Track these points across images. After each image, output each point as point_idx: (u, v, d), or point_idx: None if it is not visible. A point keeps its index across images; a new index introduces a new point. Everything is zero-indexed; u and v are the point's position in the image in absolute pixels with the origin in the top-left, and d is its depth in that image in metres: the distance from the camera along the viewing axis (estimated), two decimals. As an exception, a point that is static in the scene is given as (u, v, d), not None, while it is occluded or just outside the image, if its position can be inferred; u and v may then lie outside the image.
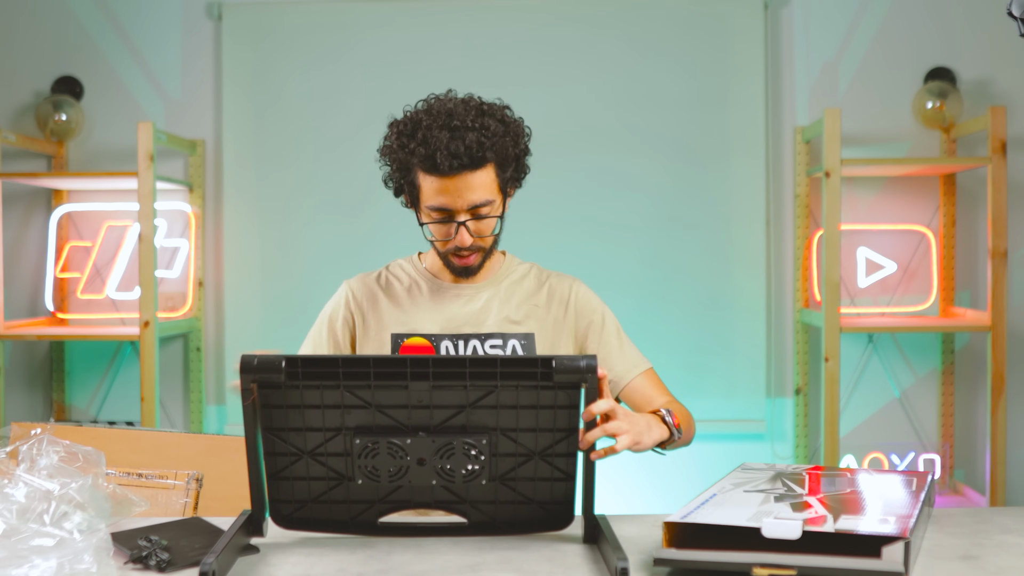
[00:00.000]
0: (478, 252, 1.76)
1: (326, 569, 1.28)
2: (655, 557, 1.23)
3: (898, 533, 1.17)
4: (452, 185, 1.68)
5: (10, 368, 3.58)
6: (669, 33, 3.47)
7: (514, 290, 1.83)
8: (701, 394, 3.46)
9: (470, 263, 1.77)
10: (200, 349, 3.56)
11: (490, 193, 1.71)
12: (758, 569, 1.18)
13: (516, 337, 1.78)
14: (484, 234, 1.74)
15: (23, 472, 1.31)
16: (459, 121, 1.68)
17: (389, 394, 1.31)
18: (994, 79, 3.47)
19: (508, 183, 1.77)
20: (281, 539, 1.43)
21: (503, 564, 1.30)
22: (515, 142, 1.75)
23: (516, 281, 1.85)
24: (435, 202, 1.71)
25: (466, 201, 1.70)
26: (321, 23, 3.50)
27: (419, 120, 1.71)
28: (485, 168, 1.70)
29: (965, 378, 3.51)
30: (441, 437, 1.32)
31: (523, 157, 1.79)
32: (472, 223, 1.72)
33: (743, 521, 1.22)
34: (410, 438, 1.32)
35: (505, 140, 1.71)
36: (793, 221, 3.51)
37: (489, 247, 1.78)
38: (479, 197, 1.70)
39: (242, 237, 3.52)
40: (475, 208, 1.71)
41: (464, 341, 1.77)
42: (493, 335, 1.78)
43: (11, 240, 3.57)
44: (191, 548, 1.35)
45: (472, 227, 1.72)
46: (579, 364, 1.29)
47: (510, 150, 1.73)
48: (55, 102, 3.46)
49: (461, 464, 1.34)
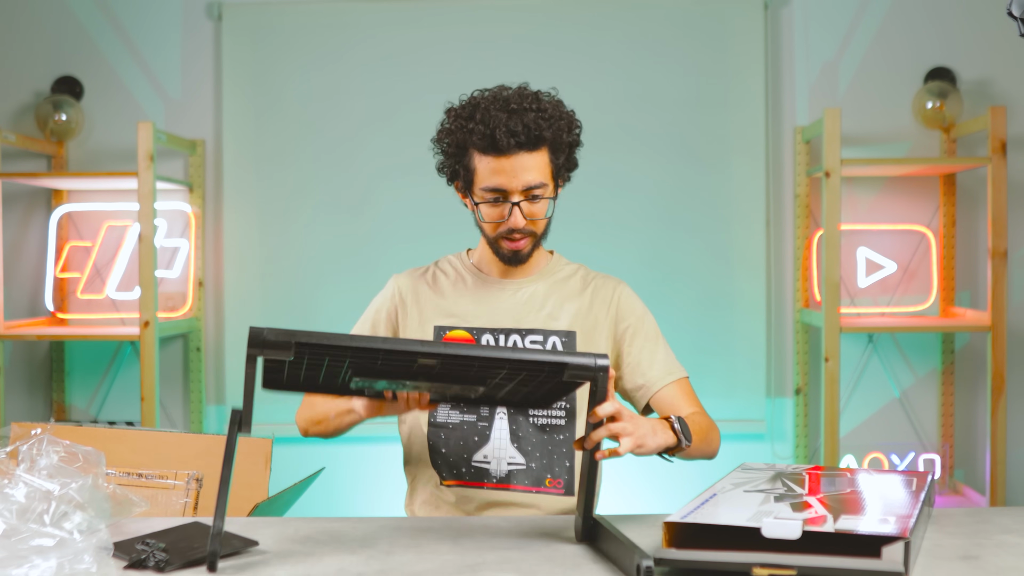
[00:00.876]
0: (529, 237, 1.77)
1: (326, 569, 1.28)
2: (655, 557, 1.23)
3: (898, 533, 1.17)
4: (508, 165, 1.71)
5: (10, 368, 3.58)
6: (669, 33, 3.47)
7: (559, 288, 1.85)
8: (701, 394, 3.42)
9: (520, 247, 1.77)
10: (200, 349, 3.56)
11: (544, 176, 1.74)
12: (758, 569, 1.18)
13: (557, 335, 1.80)
14: (537, 217, 1.75)
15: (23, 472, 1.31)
16: (516, 104, 1.72)
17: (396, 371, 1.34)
18: (994, 79, 3.47)
19: (560, 171, 1.79)
20: (281, 539, 1.43)
21: (503, 564, 1.30)
22: (569, 129, 1.77)
23: (562, 280, 1.87)
24: (491, 183, 1.73)
25: (521, 182, 1.72)
26: (321, 23, 3.50)
27: (477, 103, 1.75)
28: (540, 151, 1.73)
29: (965, 378, 3.51)
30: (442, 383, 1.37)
31: (575, 147, 1.82)
32: (526, 205, 1.74)
33: (743, 521, 1.22)
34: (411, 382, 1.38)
35: (560, 124, 1.74)
36: (793, 221, 3.51)
37: (540, 234, 1.79)
38: (534, 178, 1.72)
39: (242, 237, 3.52)
40: (530, 189, 1.73)
41: (505, 335, 1.79)
42: (534, 331, 1.79)
43: (11, 240, 3.57)
44: (189, 548, 1.35)
45: (525, 209, 1.74)
46: (590, 363, 1.30)
47: (564, 136, 1.75)
48: (55, 102, 3.46)
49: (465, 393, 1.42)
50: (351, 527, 1.50)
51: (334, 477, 3.25)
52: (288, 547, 1.38)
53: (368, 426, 3.63)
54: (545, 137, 1.71)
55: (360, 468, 3.46)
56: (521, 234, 1.76)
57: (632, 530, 1.44)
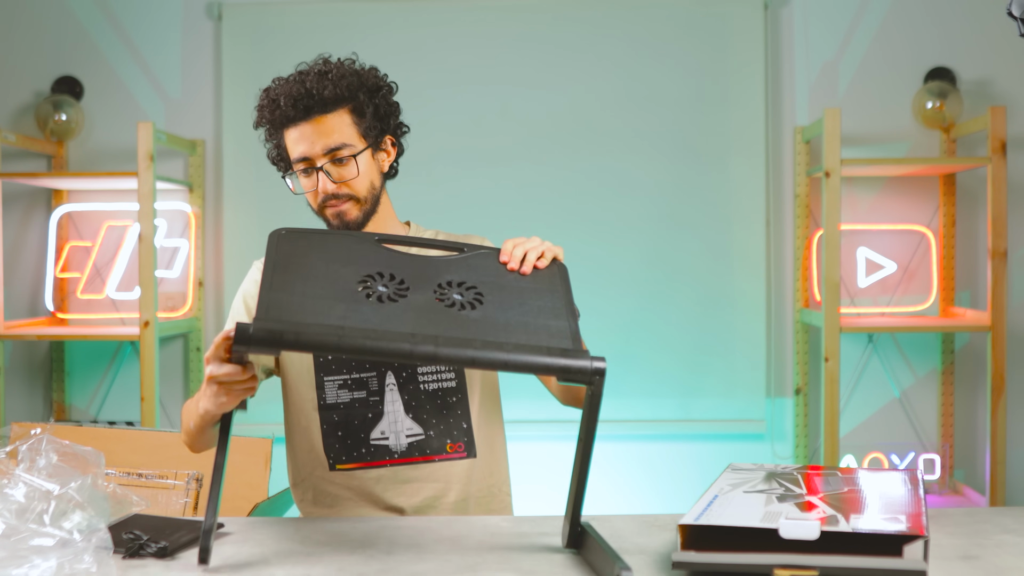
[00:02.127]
0: (350, 201, 1.75)
1: (326, 569, 1.28)
2: (673, 560, 1.22)
3: (916, 531, 1.17)
4: (306, 130, 1.71)
5: (10, 368, 3.58)
6: (669, 33, 3.47)
7: None
8: (701, 394, 3.46)
9: (342, 210, 1.75)
10: (200, 349, 3.56)
11: (346, 137, 1.72)
12: (779, 570, 1.18)
13: None
14: (346, 178, 1.73)
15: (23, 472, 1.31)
16: (306, 72, 1.74)
17: None
18: (994, 79, 3.47)
19: (372, 131, 1.75)
20: (281, 539, 1.42)
21: (503, 564, 1.30)
22: (367, 87, 1.75)
23: None
24: (296, 153, 1.73)
25: (321, 145, 1.71)
26: (321, 23, 3.50)
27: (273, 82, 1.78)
28: (338, 112, 1.72)
29: (965, 378, 3.51)
30: None
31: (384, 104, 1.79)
32: (333, 168, 1.73)
33: (756, 522, 1.21)
34: None
35: (349, 81, 1.72)
36: (793, 221, 3.51)
37: (365, 197, 1.76)
38: (334, 140, 1.71)
39: (242, 237, 3.52)
40: (332, 152, 1.71)
41: None
42: None
43: (11, 240, 3.57)
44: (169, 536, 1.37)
45: (333, 172, 1.72)
46: (586, 367, 1.27)
47: (362, 95, 1.73)
48: (55, 102, 3.46)
49: None
50: (351, 527, 1.50)
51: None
52: (288, 547, 1.38)
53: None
54: (329, 96, 1.70)
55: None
56: (337, 198, 1.74)
57: (632, 530, 1.44)
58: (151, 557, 1.32)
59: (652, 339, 3.45)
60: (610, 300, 3.41)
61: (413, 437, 1.73)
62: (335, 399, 1.73)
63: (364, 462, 1.73)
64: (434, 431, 1.74)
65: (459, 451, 1.74)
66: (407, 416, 1.73)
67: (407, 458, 1.72)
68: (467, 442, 1.75)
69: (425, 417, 1.73)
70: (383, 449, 1.72)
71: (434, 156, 3.45)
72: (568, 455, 1.42)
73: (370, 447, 1.73)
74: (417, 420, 1.73)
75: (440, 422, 1.74)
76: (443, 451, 1.74)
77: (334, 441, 1.73)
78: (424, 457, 1.73)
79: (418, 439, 1.73)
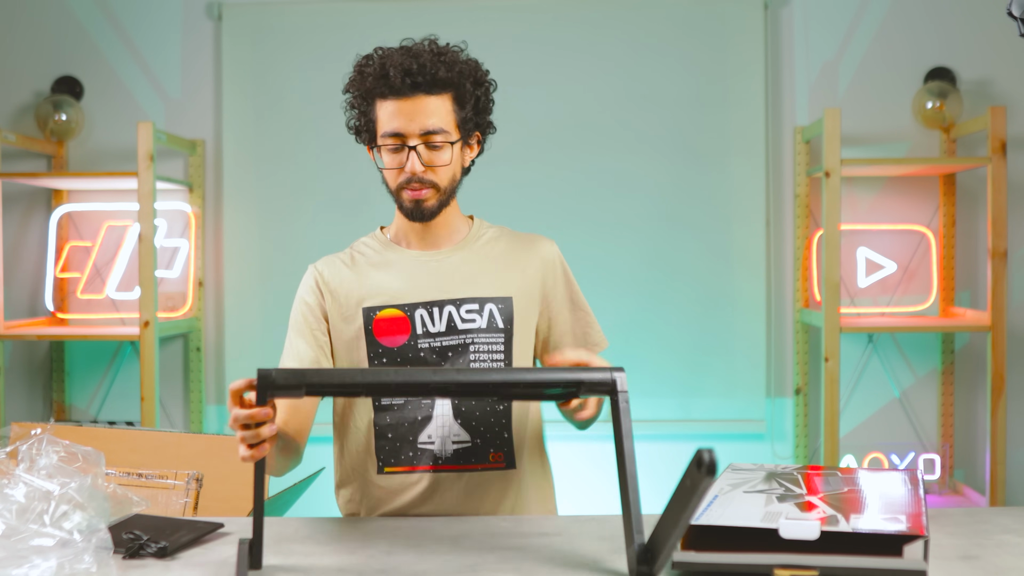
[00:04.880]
0: (431, 188, 1.70)
1: (326, 569, 1.28)
2: (673, 560, 1.23)
3: (916, 531, 1.17)
4: (407, 107, 1.67)
5: (10, 368, 3.58)
6: (669, 33, 3.47)
7: (485, 252, 1.79)
8: (701, 394, 3.46)
9: (422, 196, 1.70)
10: (200, 349, 3.56)
11: (445, 123, 1.69)
12: (780, 570, 1.18)
13: (493, 301, 1.74)
14: (436, 164, 1.69)
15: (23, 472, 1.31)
16: (417, 50, 1.70)
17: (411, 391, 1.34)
18: (994, 79, 3.47)
19: (467, 124, 1.73)
20: (281, 539, 1.42)
21: (503, 564, 1.30)
22: (473, 78, 1.73)
23: (486, 243, 1.81)
24: (389, 127, 1.68)
25: (419, 125, 1.67)
26: (321, 23, 3.50)
27: (378, 51, 1.73)
28: (442, 96, 1.69)
29: (965, 378, 3.51)
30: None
31: (484, 100, 1.76)
32: (424, 151, 1.68)
33: (756, 522, 1.21)
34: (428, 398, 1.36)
35: (461, 69, 1.70)
36: (793, 221, 3.51)
37: (445, 188, 1.72)
38: (433, 123, 1.68)
39: (242, 237, 3.52)
40: (429, 134, 1.68)
41: (439, 308, 1.72)
42: (468, 300, 1.73)
43: (11, 240, 3.57)
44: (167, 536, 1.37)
45: (424, 155, 1.68)
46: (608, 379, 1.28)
47: (468, 85, 1.71)
48: (55, 102, 3.46)
49: None
50: (351, 527, 1.50)
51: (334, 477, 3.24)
52: (288, 547, 1.38)
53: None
54: (441, 78, 1.67)
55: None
56: (420, 183, 1.70)
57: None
58: (151, 557, 1.32)
59: (652, 339, 3.45)
60: (610, 300, 3.41)
61: (459, 444, 1.71)
62: (389, 400, 1.71)
63: (410, 466, 1.71)
64: (480, 439, 1.72)
65: (499, 462, 1.73)
66: (455, 422, 1.71)
67: (451, 465, 1.70)
68: (507, 452, 1.73)
69: (473, 424, 1.71)
70: (428, 454, 1.70)
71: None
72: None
73: (416, 450, 1.70)
74: (465, 427, 1.71)
75: (487, 430, 1.72)
76: (486, 460, 1.72)
77: (384, 443, 1.72)
78: (468, 466, 1.71)
79: (464, 447, 1.71)
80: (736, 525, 1.22)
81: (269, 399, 1.29)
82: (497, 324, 1.73)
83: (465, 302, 1.73)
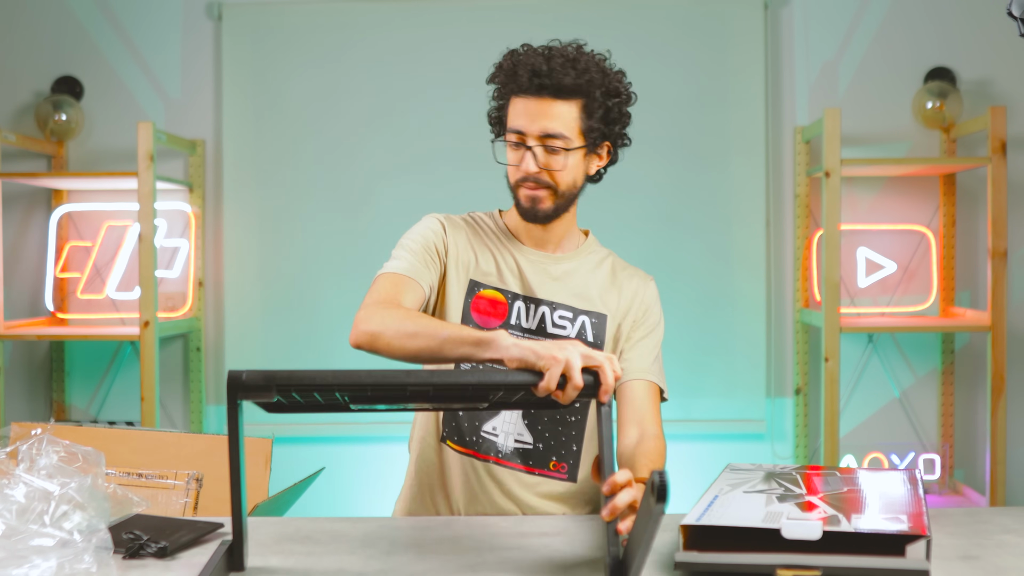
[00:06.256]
0: (546, 190, 1.70)
1: (326, 569, 1.28)
2: (676, 560, 1.22)
3: (918, 531, 1.17)
4: (533, 107, 1.67)
5: (10, 368, 3.58)
6: (669, 33, 3.47)
7: (593, 270, 1.81)
8: (701, 394, 3.46)
9: (537, 196, 1.70)
10: (200, 349, 3.56)
11: (567, 129, 1.68)
12: (782, 570, 1.18)
13: (588, 315, 1.75)
14: (551, 167, 1.69)
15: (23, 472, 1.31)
16: (552, 51, 1.70)
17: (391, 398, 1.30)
18: (994, 79, 3.47)
19: (593, 133, 1.72)
20: (281, 539, 1.43)
21: (503, 564, 1.30)
22: (607, 89, 1.71)
23: (596, 262, 1.83)
24: (513, 124, 1.70)
25: (539, 126, 1.67)
26: (321, 23, 3.50)
27: (523, 48, 1.73)
28: (569, 102, 1.68)
29: (965, 378, 3.51)
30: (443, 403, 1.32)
31: (616, 112, 1.75)
32: (541, 152, 1.68)
33: (758, 522, 1.21)
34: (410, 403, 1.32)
35: (591, 77, 1.68)
36: (793, 221, 3.51)
37: (561, 192, 1.72)
38: (554, 127, 1.67)
39: (242, 237, 3.52)
40: (547, 137, 1.68)
41: (535, 306, 1.74)
42: (564, 307, 1.75)
43: (11, 240, 3.57)
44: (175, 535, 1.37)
45: (540, 156, 1.68)
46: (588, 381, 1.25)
47: (598, 94, 1.69)
48: (55, 102, 3.46)
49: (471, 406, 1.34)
50: (351, 527, 1.50)
51: (334, 477, 3.25)
52: (288, 547, 1.38)
53: (369, 426, 3.63)
54: (568, 84, 1.66)
55: (360, 468, 3.46)
56: (536, 183, 1.70)
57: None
58: (151, 557, 1.32)
59: (652, 339, 3.44)
60: (610, 300, 3.40)
61: (521, 444, 1.71)
62: None
63: (471, 450, 1.71)
64: (543, 444, 1.71)
65: (561, 472, 1.72)
66: (522, 421, 1.71)
67: (510, 462, 1.71)
68: (571, 465, 1.72)
69: (540, 428, 1.71)
70: (490, 444, 1.71)
71: (434, 156, 3.45)
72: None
73: (480, 437, 1.71)
74: (531, 428, 1.71)
75: (552, 437, 1.71)
76: (546, 467, 1.72)
77: (452, 417, 1.72)
78: (526, 467, 1.71)
79: (526, 447, 1.71)
80: (738, 525, 1.22)
81: None
82: (586, 337, 1.74)
83: (561, 307, 1.75)
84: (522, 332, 1.72)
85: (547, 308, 1.74)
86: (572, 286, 1.77)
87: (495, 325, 1.71)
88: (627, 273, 1.84)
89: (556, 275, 1.77)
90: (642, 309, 1.80)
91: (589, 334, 1.74)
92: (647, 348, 1.78)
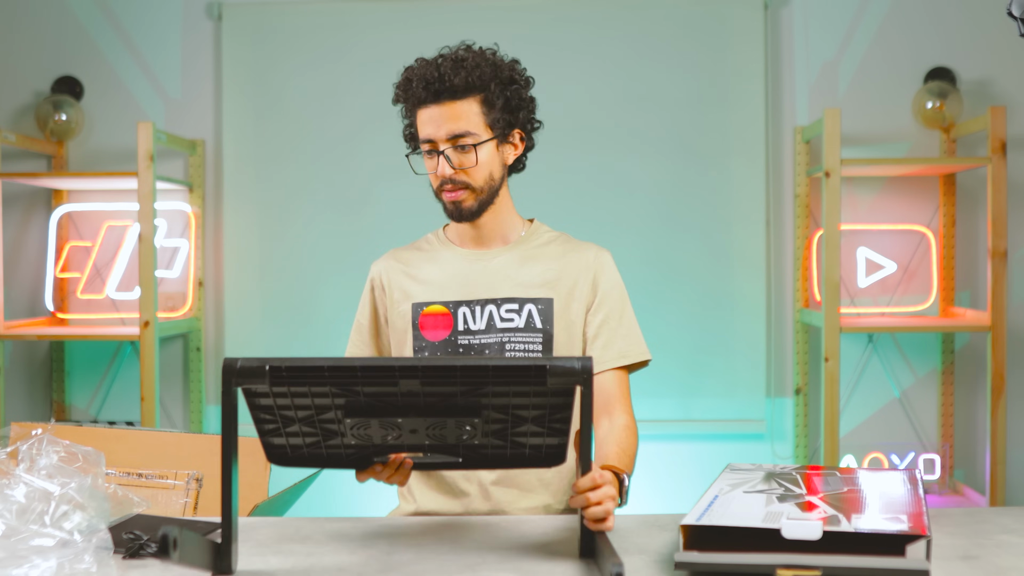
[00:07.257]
0: (466, 190, 1.76)
1: (326, 569, 1.28)
2: (676, 560, 1.22)
3: (919, 531, 1.17)
4: (436, 113, 1.73)
5: (10, 368, 3.58)
6: (669, 33, 3.47)
7: (533, 255, 1.83)
8: (701, 394, 3.46)
9: (458, 198, 1.76)
10: (200, 349, 3.56)
11: (472, 125, 1.73)
12: (782, 570, 1.18)
13: (533, 302, 1.78)
14: (465, 166, 1.74)
15: (23, 472, 1.31)
16: (446, 56, 1.75)
17: (379, 389, 1.29)
18: (994, 79, 3.47)
19: (500, 123, 1.76)
20: (281, 539, 1.43)
21: (503, 564, 1.30)
22: (501, 79, 1.76)
23: (538, 246, 1.85)
24: (422, 133, 1.75)
25: (445, 130, 1.73)
26: (321, 23, 3.50)
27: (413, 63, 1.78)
28: (467, 100, 1.73)
29: (965, 378, 3.51)
30: (433, 417, 1.30)
31: (517, 99, 1.79)
32: (453, 154, 1.74)
33: (758, 522, 1.21)
34: (402, 417, 1.30)
35: (483, 71, 1.73)
36: (793, 221, 3.51)
37: (481, 187, 1.76)
38: (459, 127, 1.72)
39: (242, 237, 3.52)
40: (455, 138, 1.73)
41: (480, 307, 1.78)
42: (509, 300, 1.78)
43: (11, 240, 3.57)
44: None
45: (453, 158, 1.74)
46: (575, 367, 1.24)
47: (493, 86, 1.74)
48: (55, 102, 3.46)
49: (454, 433, 1.32)
50: (351, 527, 1.50)
51: (334, 477, 3.24)
52: (288, 547, 1.38)
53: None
54: (459, 84, 1.71)
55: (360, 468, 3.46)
56: (454, 184, 1.75)
57: (633, 530, 1.44)
58: (151, 557, 1.32)
59: (651, 339, 3.41)
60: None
61: None
62: None
63: None
64: None
65: None
66: None
67: None
68: None
69: None
70: None
71: (434, 156, 3.45)
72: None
73: None
74: None
75: None
76: None
77: None
78: None
79: None
80: (738, 525, 1.22)
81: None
82: (535, 324, 1.76)
83: (506, 301, 1.78)
84: (472, 334, 1.76)
85: (493, 306, 1.78)
86: (515, 276, 1.80)
87: (444, 336, 1.77)
88: (575, 248, 1.85)
89: (496, 269, 1.81)
90: (589, 278, 1.81)
91: (537, 321, 1.77)
92: (614, 328, 1.80)
